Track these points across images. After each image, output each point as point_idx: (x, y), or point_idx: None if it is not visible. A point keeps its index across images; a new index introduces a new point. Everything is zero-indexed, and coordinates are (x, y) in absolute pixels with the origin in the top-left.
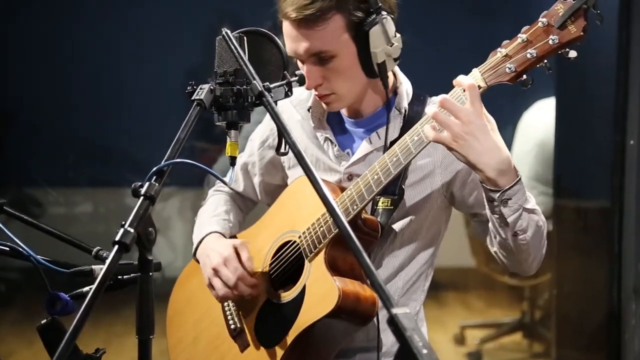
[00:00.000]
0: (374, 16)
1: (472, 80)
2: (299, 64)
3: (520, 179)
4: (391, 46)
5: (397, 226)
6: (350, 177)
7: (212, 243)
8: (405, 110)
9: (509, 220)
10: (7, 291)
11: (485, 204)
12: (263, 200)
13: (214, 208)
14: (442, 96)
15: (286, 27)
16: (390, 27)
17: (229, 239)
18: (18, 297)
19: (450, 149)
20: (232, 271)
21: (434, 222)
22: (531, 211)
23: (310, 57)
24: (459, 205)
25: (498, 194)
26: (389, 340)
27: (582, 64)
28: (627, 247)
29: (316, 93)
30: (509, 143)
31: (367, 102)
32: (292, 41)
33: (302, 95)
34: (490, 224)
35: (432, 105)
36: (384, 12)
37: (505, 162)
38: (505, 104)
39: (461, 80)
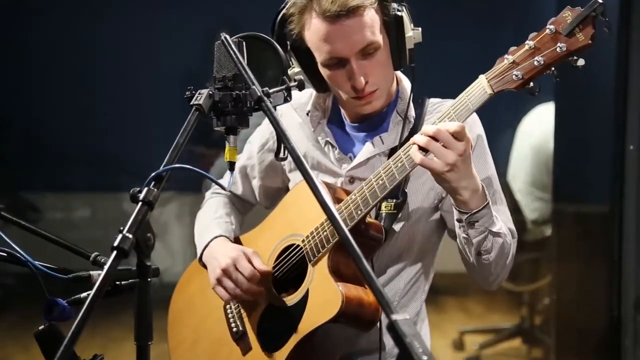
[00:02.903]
0: (397, 5)
1: (457, 123)
2: (323, 70)
3: (488, 203)
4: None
5: (399, 229)
6: (352, 180)
7: (219, 246)
8: (412, 118)
9: (474, 241)
10: (2, 296)
11: (455, 223)
12: (262, 202)
13: (214, 210)
14: (434, 127)
15: (325, 28)
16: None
17: (236, 244)
18: (14, 302)
19: (437, 174)
20: (243, 272)
21: (435, 223)
22: (497, 234)
23: (357, 53)
24: (446, 210)
25: (466, 216)
26: (391, 342)
27: (582, 69)
28: (627, 252)
29: (354, 95)
30: (508, 146)
31: None
32: (338, 39)
33: (302, 99)
34: (457, 241)
35: (432, 107)
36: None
37: (477, 185)
38: (505, 107)
39: (447, 127)
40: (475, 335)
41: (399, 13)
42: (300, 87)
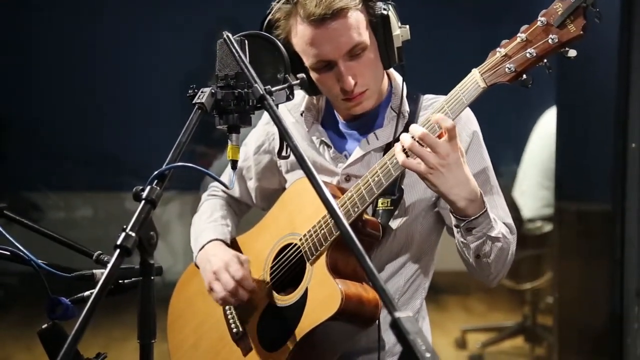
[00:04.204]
0: (382, 4)
1: (451, 121)
2: (312, 74)
3: (486, 210)
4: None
5: (397, 226)
6: (348, 178)
7: (213, 249)
8: (407, 113)
9: (472, 246)
10: (5, 296)
11: (453, 227)
12: (258, 204)
13: (210, 213)
14: (421, 130)
15: (311, 32)
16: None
17: (230, 250)
18: (16, 301)
19: (422, 177)
20: (233, 274)
21: (433, 219)
22: (496, 239)
23: (345, 55)
24: (443, 208)
25: (463, 223)
26: (391, 340)
27: (583, 67)
28: (629, 250)
29: (344, 97)
30: (511, 161)
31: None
32: (324, 42)
33: (296, 99)
34: (456, 242)
35: (427, 102)
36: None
37: (474, 192)
38: (508, 124)
39: (442, 122)
40: (477, 333)
41: (385, 12)
42: (303, 85)
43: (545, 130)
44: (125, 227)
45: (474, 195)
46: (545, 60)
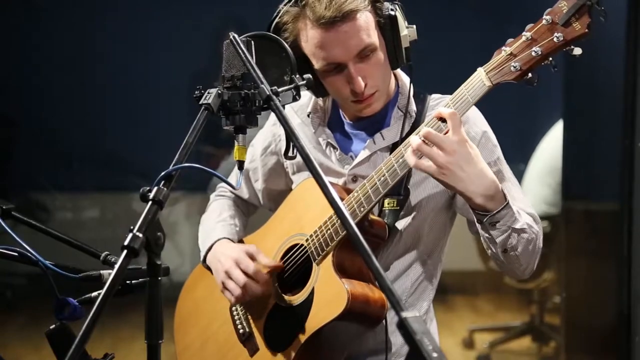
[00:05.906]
0: (390, 4)
1: (451, 109)
2: (321, 76)
3: (508, 203)
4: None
5: (403, 226)
6: (354, 179)
7: (222, 248)
8: (414, 112)
9: (497, 240)
10: (13, 297)
11: (476, 224)
12: (265, 205)
13: (219, 213)
14: (425, 129)
15: (321, 35)
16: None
17: (240, 245)
18: (24, 302)
19: (436, 178)
20: (246, 271)
21: (440, 220)
22: (521, 230)
23: (355, 57)
24: (461, 207)
25: (486, 218)
26: (398, 341)
27: (590, 65)
28: (637, 249)
29: (354, 99)
30: (517, 159)
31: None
32: (334, 45)
33: (302, 100)
34: (481, 239)
35: (434, 102)
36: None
37: (492, 187)
38: (513, 121)
39: (441, 111)
40: (485, 333)
41: (392, 13)
42: (309, 85)
43: (555, 135)
44: (132, 227)
45: (493, 190)
46: (550, 59)
